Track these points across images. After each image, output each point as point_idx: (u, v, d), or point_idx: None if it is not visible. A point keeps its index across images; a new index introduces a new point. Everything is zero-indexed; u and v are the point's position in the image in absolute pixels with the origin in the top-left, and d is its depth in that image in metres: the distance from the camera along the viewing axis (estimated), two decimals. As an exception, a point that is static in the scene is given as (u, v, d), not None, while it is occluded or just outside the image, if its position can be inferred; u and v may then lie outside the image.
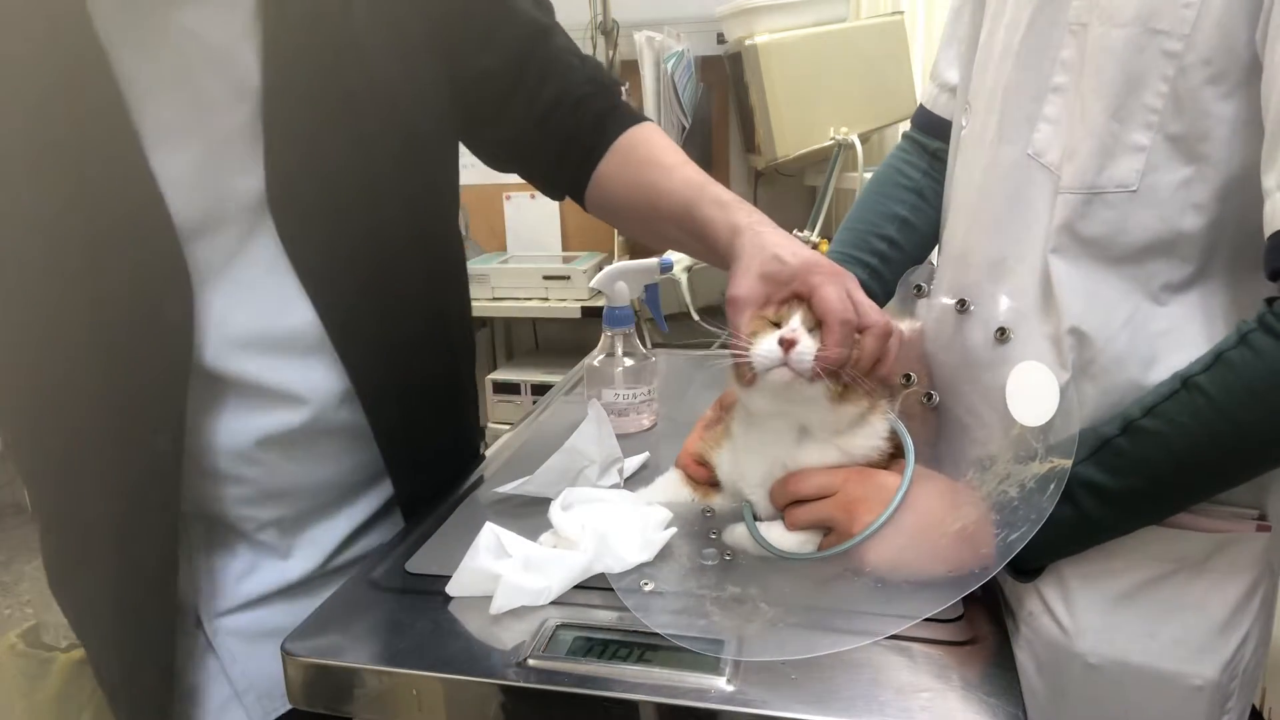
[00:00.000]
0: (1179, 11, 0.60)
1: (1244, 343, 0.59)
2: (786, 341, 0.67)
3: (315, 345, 0.78)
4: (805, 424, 0.72)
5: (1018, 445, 0.65)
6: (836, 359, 0.67)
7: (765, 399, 0.71)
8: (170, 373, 0.72)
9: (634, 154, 0.90)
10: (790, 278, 0.71)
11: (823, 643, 0.61)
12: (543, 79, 0.89)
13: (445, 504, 0.88)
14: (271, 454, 0.79)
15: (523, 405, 2.46)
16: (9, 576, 2.79)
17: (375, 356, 0.82)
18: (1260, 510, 0.68)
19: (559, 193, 0.97)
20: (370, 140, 0.79)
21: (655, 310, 1.40)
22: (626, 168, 0.90)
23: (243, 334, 0.75)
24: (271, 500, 0.81)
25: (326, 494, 0.85)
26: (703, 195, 0.82)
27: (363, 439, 0.84)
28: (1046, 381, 0.66)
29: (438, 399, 0.93)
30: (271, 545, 0.83)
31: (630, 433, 1.04)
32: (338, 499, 0.86)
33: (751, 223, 0.76)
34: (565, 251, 2.62)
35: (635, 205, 0.90)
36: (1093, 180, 0.65)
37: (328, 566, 0.86)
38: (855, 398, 0.70)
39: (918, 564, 0.66)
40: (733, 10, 2.11)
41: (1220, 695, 0.69)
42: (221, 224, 0.74)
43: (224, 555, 0.82)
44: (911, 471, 0.69)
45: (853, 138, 2.05)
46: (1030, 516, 0.62)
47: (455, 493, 0.91)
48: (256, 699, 0.81)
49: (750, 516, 0.75)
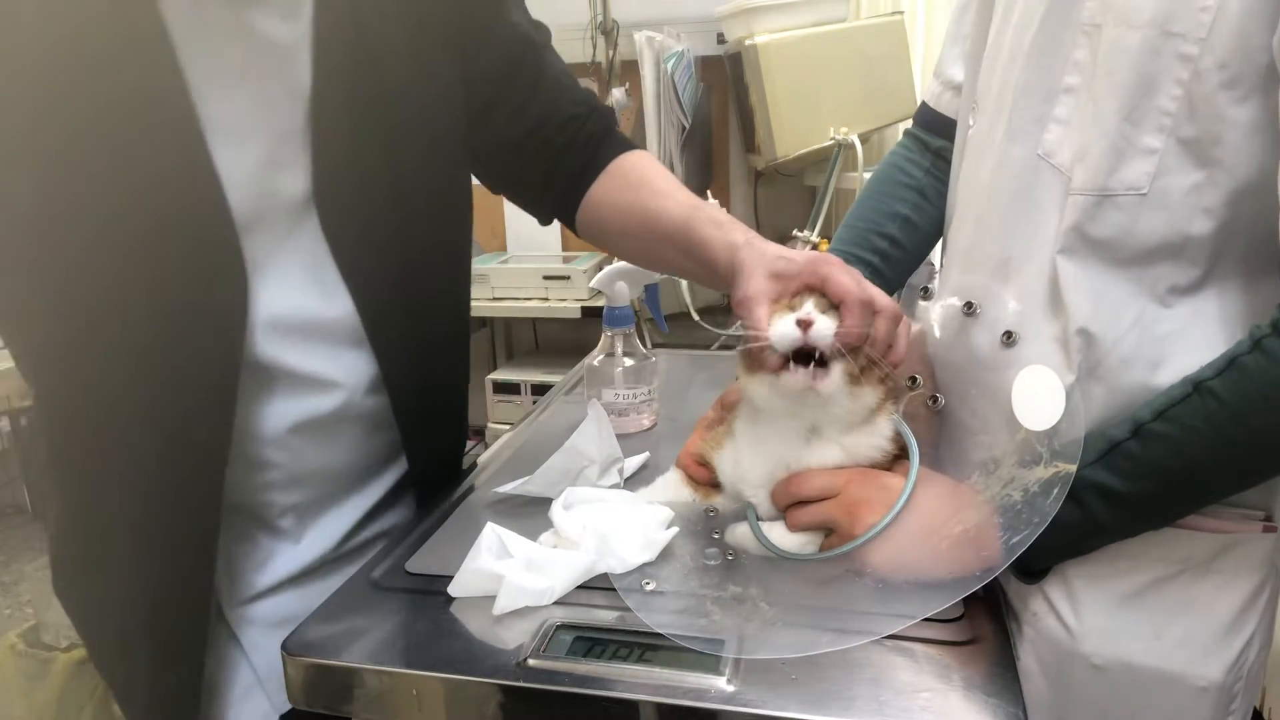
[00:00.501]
0: (1196, 15, 0.59)
1: (1257, 348, 0.58)
2: (804, 322, 0.67)
3: (351, 334, 0.82)
4: (815, 423, 0.72)
5: (1023, 449, 0.65)
6: (858, 335, 0.68)
7: (776, 395, 0.71)
8: (224, 364, 0.74)
9: (628, 178, 0.91)
10: (799, 272, 0.72)
11: (821, 641, 0.61)
12: (531, 93, 0.91)
13: (446, 504, 0.88)
14: (302, 439, 0.81)
15: (523, 405, 2.46)
16: (9, 576, 2.79)
17: (403, 346, 0.85)
18: (1267, 511, 0.68)
19: (546, 215, 0.98)
20: (400, 141, 0.82)
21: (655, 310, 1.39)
22: (620, 191, 0.91)
23: (286, 324, 0.78)
24: (296, 485, 0.83)
25: (345, 478, 0.87)
26: (698, 216, 0.83)
27: (384, 424, 0.87)
28: (1052, 385, 0.65)
29: (450, 386, 0.97)
30: (286, 531, 0.84)
31: (630, 433, 1.04)
32: (354, 482, 0.88)
33: (750, 239, 0.78)
34: (565, 251, 2.62)
35: (629, 228, 0.91)
36: (1103, 182, 0.65)
37: (339, 551, 0.87)
38: (871, 381, 0.70)
39: (920, 566, 0.66)
40: (733, 10, 2.11)
41: (1225, 696, 0.69)
42: (271, 219, 0.76)
43: (244, 545, 0.83)
44: (915, 474, 0.69)
45: (853, 138, 2.05)
46: (1033, 520, 0.62)
47: (460, 483, 0.93)
48: (278, 687, 0.81)
49: (754, 518, 0.75)
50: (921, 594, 0.64)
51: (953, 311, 0.77)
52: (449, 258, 0.93)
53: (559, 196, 0.94)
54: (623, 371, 1.04)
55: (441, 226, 0.90)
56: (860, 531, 0.69)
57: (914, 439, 0.72)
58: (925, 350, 0.80)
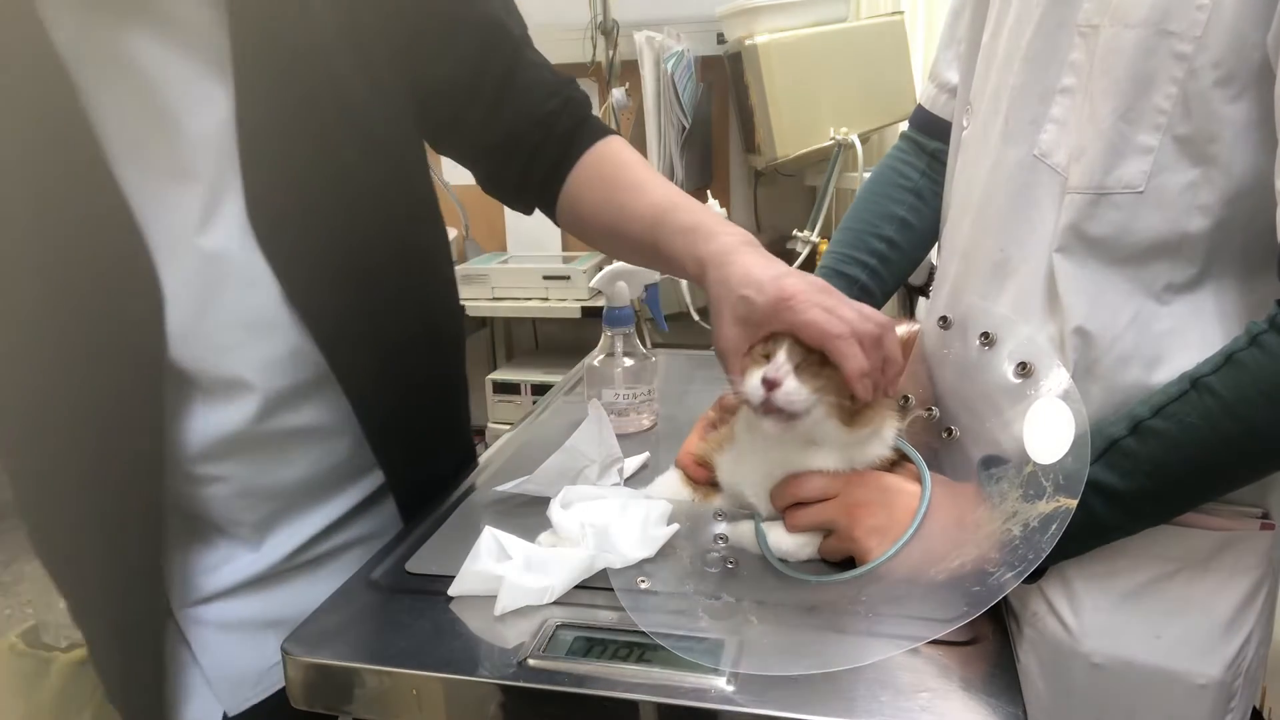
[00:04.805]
0: (1191, 14, 0.60)
1: (1255, 344, 0.59)
2: (769, 382, 0.66)
3: (288, 344, 0.78)
4: (813, 439, 0.72)
5: (1029, 483, 0.65)
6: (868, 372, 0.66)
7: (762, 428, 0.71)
8: (143, 375, 0.73)
9: (599, 171, 0.88)
10: (763, 319, 0.69)
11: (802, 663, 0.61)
12: (503, 91, 0.87)
13: (445, 504, 0.88)
14: (244, 453, 0.79)
15: (523, 405, 2.46)
16: (9, 576, 2.78)
17: (361, 352, 0.81)
18: (1264, 509, 0.68)
19: (526, 210, 0.95)
20: (339, 144, 0.78)
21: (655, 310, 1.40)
22: (593, 188, 0.88)
23: (216, 335, 0.75)
24: (250, 497, 0.81)
25: (308, 489, 0.84)
26: (665, 224, 0.79)
27: (346, 432, 0.83)
28: (1065, 418, 0.65)
29: (428, 393, 0.93)
30: (244, 537, 0.83)
31: (630, 433, 1.04)
32: (319, 492, 0.85)
33: (715, 252, 0.73)
34: (565, 251, 2.62)
35: (601, 230, 0.88)
36: (1100, 181, 0.65)
37: (305, 556, 0.85)
38: (867, 419, 0.70)
39: (910, 599, 0.65)
40: (733, 10, 2.11)
41: (1224, 694, 0.69)
42: (193, 228, 0.73)
43: (200, 547, 0.82)
44: (926, 505, 0.69)
45: (853, 138, 2.05)
46: (1028, 556, 0.61)
47: (453, 490, 0.91)
48: (227, 688, 0.81)
49: (762, 534, 0.75)
50: (908, 624, 0.63)
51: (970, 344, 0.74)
52: (408, 257, 0.88)
53: (535, 193, 0.92)
54: (623, 371, 1.04)
55: (396, 224, 0.86)
56: (859, 534, 0.69)
57: (924, 464, 0.71)
58: (924, 362, 0.80)
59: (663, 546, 0.74)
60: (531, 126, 0.88)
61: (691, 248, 0.76)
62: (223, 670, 0.81)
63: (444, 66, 0.86)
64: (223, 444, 0.77)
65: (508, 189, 0.94)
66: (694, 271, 0.76)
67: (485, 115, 0.88)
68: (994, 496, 0.67)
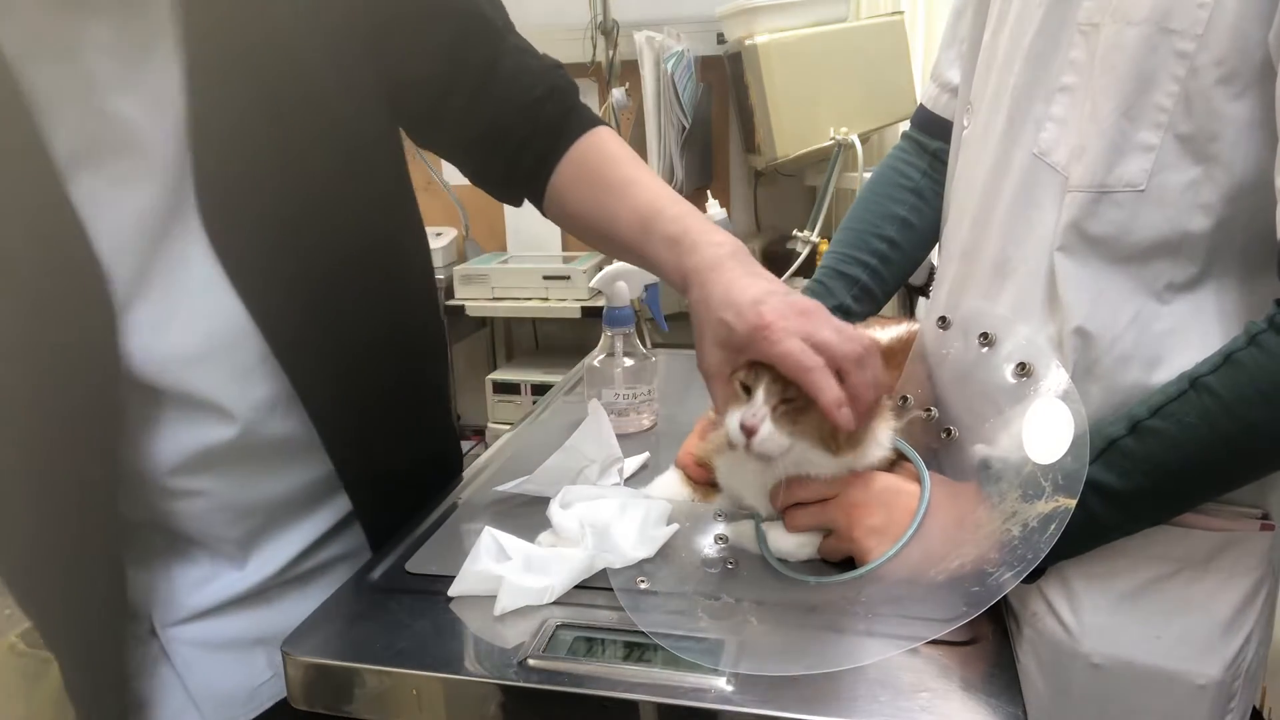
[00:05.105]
0: (1193, 11, 0.60)
1: (1254, 343, 0.59)
2: (747, 429, 0.66)
3: (254, 356, 0.75)
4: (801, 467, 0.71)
5: (1028, 483, 0.65)
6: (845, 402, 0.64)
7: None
8: (96, 388, 0.70)
9: (585, 168, 0.85)
10: (741, 345, 0.67)
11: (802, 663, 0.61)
12: (485, 81, 0.84)
13: (445, 505, 0.88)
14: (220, 467, 0.77)
15: (523, 405, 2.46)
16: (9, 577, 2.78)
17: (323, 366, 0.79)
18: (1264, 509, 0.68)
19: (515, 202, 0.92)
20: (302, 146, 0.76)
21: (655, 310, 1.40)
22: (579, 185, 0.85)
23: (179, 348, 0.73)
24: (229, 512, 0.79)
25: (287, 506, 0.82)
26: (651, 231, 0.76)
27: (315, 450, 0.81)
28: (1063, 418, 0.65)
29: (399, 409, 0.89)
30: (229, 555, 0.81)
31: (630, 433, 1.04)
32: (295, 511, 0.83)
33: (697, 268, 0.71)
34: (565, 251, 2.62)
35: (588, 229, 0.86)
36: (1101, 179, 0.65)
37: (285, 576, 0.83)
38: (855, 441, 0.69)
39: (910, 598, 0.65)
40: (733, 10, 2.11)
41: (1224, 694, 0.69)
42: (149, 237, 0.71)
43: (183, 564, 0.80)
44: (925, 505, 0.69)
45: (853, 138, 2.04)
46: (1026, 556, 0.61)
47: (427, 508, 0.88)
48: (214, 707, 0.80)
49: (762, 535, 0.75)
50: (908, 624, 0.63)
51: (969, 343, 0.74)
52: (381, 263, 0.85)
53: (522, 185, 0.89)
54: (623, 371, 1.04)
55: (363, 225, 0.82)
56: (858, 534, 0.69)
57: (924, 464, 0.71)
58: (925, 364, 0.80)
59: (662, 546, 0.74)
60: (516, 116, 0.85)
61: (676, 260, 0.74)
62: (210, 690, 0.80)
63: (419, 57, 0.83)
64: (198, 458, 0.75)
65: (494, 181, 0.91)
66: (679, 285, 0.74)
67: (466, 106, 0.85)
68: (993, 496, 0.67)
